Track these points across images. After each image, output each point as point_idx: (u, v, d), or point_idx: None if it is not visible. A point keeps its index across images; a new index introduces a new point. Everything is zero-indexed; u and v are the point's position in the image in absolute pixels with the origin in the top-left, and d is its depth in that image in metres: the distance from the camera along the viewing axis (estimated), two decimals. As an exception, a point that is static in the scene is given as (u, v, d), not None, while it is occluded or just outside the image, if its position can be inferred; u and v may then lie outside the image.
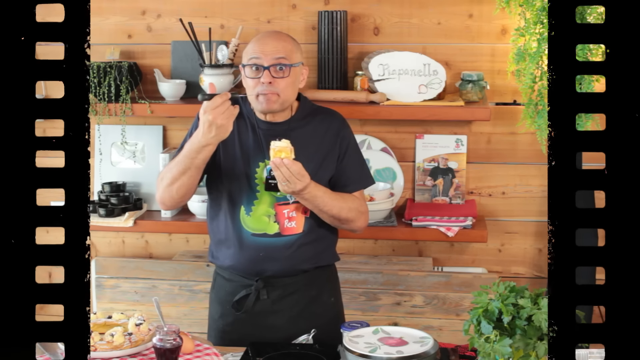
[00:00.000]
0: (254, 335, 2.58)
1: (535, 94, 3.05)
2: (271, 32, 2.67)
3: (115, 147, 3.67)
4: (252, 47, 2.58)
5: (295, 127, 2.63)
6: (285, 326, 2.62)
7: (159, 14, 3.63)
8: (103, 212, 3.47)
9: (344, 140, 2.66)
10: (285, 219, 2.61)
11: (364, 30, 3.51)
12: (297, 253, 2.62)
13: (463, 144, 3.50)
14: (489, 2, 3.37)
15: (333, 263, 2.77)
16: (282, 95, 2.55)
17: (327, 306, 2.70)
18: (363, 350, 2.18)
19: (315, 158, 2.61)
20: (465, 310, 3.35)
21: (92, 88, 3.44)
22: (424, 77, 3.30)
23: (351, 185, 2.66)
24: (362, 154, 2.76)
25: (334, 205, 2.56)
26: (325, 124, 2.66)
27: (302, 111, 2.67)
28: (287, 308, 2.64)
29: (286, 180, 2.42)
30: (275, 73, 2.53)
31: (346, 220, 2.61)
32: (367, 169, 2.75)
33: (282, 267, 2.62)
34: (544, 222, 3.55)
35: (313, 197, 2.51)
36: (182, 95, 3.54)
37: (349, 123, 2.73)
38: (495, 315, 2.03)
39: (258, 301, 2.64)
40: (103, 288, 3.61)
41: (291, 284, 2.65)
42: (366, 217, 2.68)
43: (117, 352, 2.31)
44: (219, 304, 2.71)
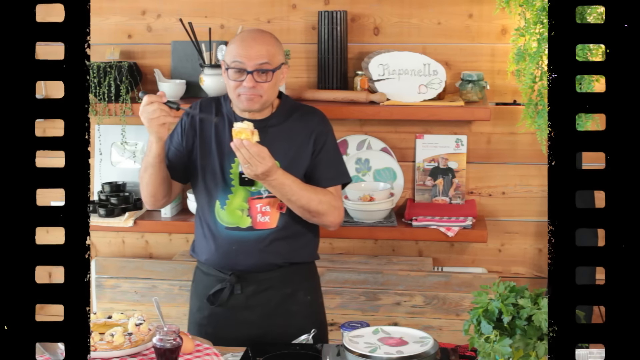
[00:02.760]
0: (228, 330, 2.64)
1: (535, 94, 3.05)
2: (255, 34, 2.68)
3: (115, 147, 3.67)
4: (236, 49, 2.60)
5: (274, 124, 2.68)
6: (259, 322, 2.66)
7: (159, 14, 3.62)
8: (103, 212, 3.47)
9: (320, 136, 2.69)
10: (258, 213, 2.66)
11: (364, 30, 3.51)
12: (270, 248, 2.66)
13: (463, 144, 3.50)
14: (489, 2, 3.37)
15: (310, 261, 2.79)
16: (264, 96, 2.60)
17: (303, 305, 2.72)
18: (363, 350, 2.18)
19: (290, 153, 2.65)
20: (465, 310, 3.35)
21: (92, 88, 3.44)
22: (424, 77, 3.30)
23: (325, 181, 2.68)
24: (339, 152, 2.80)
25: (303, 195, 2.58)
26: (303, 121, 2.71)
27: (282, 109, 2.71)
28: (261, 304, 2.67)
29: (247, 162, 2.46)
30: (258, 77, 2.58)
31: (317, 212, 2.62)
32: (343, 166, 2.77)
33: (254, 261, 2.66)
34: (544, 222, 3.55)
35: (280, 184, 2.54)
36: (182, 95, 3.54)
37: (329, 121, 2.76)
38: (495, 315, 2.03)
39: (232, 296, 2.67)
40: (103, 288, 3.61)
41: (265, 280, 2.68)
42: (340, 213, 2.69)
43: (117, 352, 2.31)
44: (197, 298, 2.77)
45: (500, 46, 3.44)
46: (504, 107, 3.49)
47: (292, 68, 3.46)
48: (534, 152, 3.47)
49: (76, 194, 0.98)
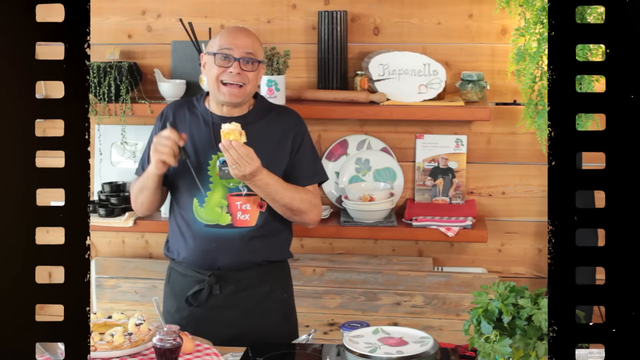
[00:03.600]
0: (208, 330, 2.64)
1: (535, 94, 3.04)
2: (241, 28, 2.82)
3: (115, 147, 3.67)
4: (223, 38, 2.67)
5: (251, 122, 2.70)
6: (240, 321, 2.67)
7: (159, 14, 3.63)
8: (103, 212, 3.47)
9: (297, 136, 2.74)
10: (238, 210, 2.68)
11: (364, 30, 3.51)
12: (249, 246, 2.68)
13: (463, 144, 3.50)
14: (489, 2, 3.37)
15: (285, 259, 2.82)
16: (247, 86, 2.65)
17: (280, 303, 2.76)
18: (363, 350, 2.18)
19: (267, 152, 2.67)
20: (465, 310, 3.35)
21: (92, 88, 3.44)
22: (424, 77, 3.30)
23: (304, 179, 2.73)
24: (316, 151, 2.86)
25: (286, 195, 2.62)
26: (280, 120, 2.75)
27: (258, 107, 2.75)
28: (241, 303, 2.69)
29: (236, 162, 2.49)
30: (244, 65, 2.64)
31: (298, 211, 2.66)
32: (321, 165, 2.83)
33: (233, 259, 2.67)
34: (544, 222, 3.55)
35: (265, 184, 2.58)
36: (182, 95, 3.54)
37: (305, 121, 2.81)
38: (495, 315, 2.03)
39: (211, 296, 2.69)
40: (103, 288, 3.61)
41: (244, 279, 2.69)
42: (319, 211, 2.75)
43: (117, 352, 2.31)
44: (174, 299, 2.77)
45: (500, 46, 3.44)
46: (504, 107, 3.49)
47: (292, 68, 3.46)
48: (534, 152, 3.47)
49: (76, 194, 0.98)
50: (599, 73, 0.99)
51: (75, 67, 0.97)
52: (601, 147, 0.99)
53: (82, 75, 0.97)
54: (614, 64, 0.97)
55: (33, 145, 0.98)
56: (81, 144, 0.97)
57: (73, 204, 0.98)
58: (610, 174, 0.98)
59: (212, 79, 2.66)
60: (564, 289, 0.98)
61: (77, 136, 0.97)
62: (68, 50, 0.97)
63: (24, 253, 0.99)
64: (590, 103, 0.99)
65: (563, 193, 0.98)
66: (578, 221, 0.98)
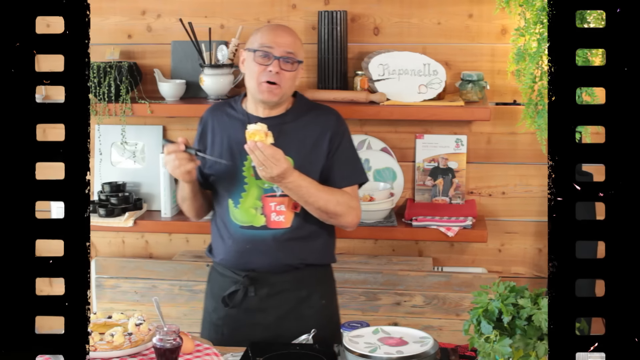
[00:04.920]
0: (243, 331, 2.63)
1: (535, 94, 3.04)
2: (283, 26, 2.75)
3: (115, 147, 3.67)
4: (265, 35, 2.63)
5: (288, 122, 2.67)
6: (273, 325, 2.64)
7: (159, 14, 3.63)
8: (103, 212, 3.47)
9: (336, 136, 2.68)
10: (272, 211, 2.64)
11: (364, 30, 3.51)
12: (284, 247, 2.64)
13: (463, 144, 3.50)
14: (489, 2, 3.37)
15: (326, 264, 2.77)
16: (283, 87, 2.61)
17: (318, 308, 2.70)
18: (363, 350, 2.18)
19: (303, 152, 2.64)
20: (465, 310, 3.35)
21: (92, 88, 3.44)
22: (424, 77, 3.30)
23: (342, 181, 2.66)
24: (356, 151, 2.78)
25: (320, 197, 2.57)
26: (319, 120, 2.70)
27: (297, 107, 2.71)
28: (275, 307, 2.66)
29: (262, 164, 2.45)
30: (283, 65, 2.60)
31: (334, 214, 2.61)
32: (360, 166, 2.75)
33: (267, 261, 2.65)
34: (544, 222, 3.55)
35: (297, 186, 2.53)
36: (182, 95, 3.54)
37: (346, 121, 2.75)
38: (495, 315, 2.03)
39: (246, 298, 2.66)
40: (103, 288, 3.61)
41: (278, 282, 2.66)
42: (357, 214, 2.67)
43: (117, 352, 2.31)
44: (213, 298, 2.76)
45: (500, 46, 3.44)
46: (504, 107, 3.49)
47: (292, 68, 3.46)
48: (534, 152, 3.47)
49: (76, 204, 0.98)
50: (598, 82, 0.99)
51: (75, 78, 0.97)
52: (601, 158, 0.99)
53: (82, 85, 0.97)
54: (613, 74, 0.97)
55: (33, 157, 0.98)
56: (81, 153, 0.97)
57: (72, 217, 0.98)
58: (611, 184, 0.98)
59: (250, 76, 2.62)
60: (564, 290, 0.98)
61: (77, 144, 0.97)
62: (68, 61, 0.96)
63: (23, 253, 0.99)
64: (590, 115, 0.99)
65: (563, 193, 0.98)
66: (578, 231, 0.98)
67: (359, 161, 2.75)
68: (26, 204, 0.98)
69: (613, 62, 0.97)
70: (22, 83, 0.97)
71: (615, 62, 0.97)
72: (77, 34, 0.96)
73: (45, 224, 0.99)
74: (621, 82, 0.97)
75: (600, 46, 0.97)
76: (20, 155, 0.97)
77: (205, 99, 3.50)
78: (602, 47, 0.96)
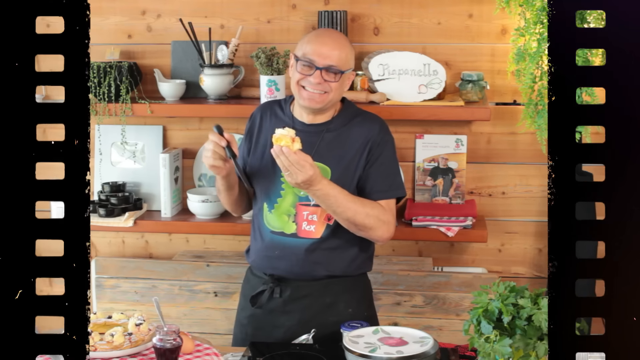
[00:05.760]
0: (266, 332, 2.63)
1: (535, 94, 3.04)
2: (329, 34, 2.70)
3: (115, 147, 3.67)
4: (310, 45, 2.59)
5: (332, 130, 2.64)
6: (296, 329, 2.60)
7: (159, 14, 3.63)
8: (103, 212, 3.47)
9: (377, 147, 2.63)
10: (304, 220, 2.62)
11: (364, 30, 3.51)
12: (311, 258, 2.62)
13: (463, 144, 3.50)
14: (489, 2, 3.37)
15: (355, 274, 2.71)
16: (329, 95, 2.58)
17: (344, 316, 2.61)
18: (363, 350, 2.18)
19: (343, 161, 2.61)
20: (465, 310, 3.35)
21: (92, 88, 3.44)
22: (424, 77, 3.30)
23: (377, 193, 2.62)
24: (397, 163, 2.72)
25: (349, 208, 2.52)
26: (362, 129, 2.65)
27: (342, 115, 2.68)
28: (299, 310, 2.64)
29: (287, 169, 2.43)
30: (326, 75, 2.56)
31: (363, 226, 2.56)
32: (399, 179, 2.69)
33: (293, 269, 2.63)
34: (544, 222, 3.55)
35: (324, 195, 2.50)
36: (182, 95, 3.54)
37: (390, 130, 2.71)
38: (495, 315, 2.03)
39: (272, 299, 2.65)
40: (103, 288, 3.61)
41: (303, 286, 2.65)
42: (388, 228, 2.60)
43: (117, 352, 2.31)
44: (243, 297, 2.78)
45: (500, 46, 3.44)
46: (504, 107, 3.49)
47: (292, 68, 3.46)
48: (534, 152, 3.47)
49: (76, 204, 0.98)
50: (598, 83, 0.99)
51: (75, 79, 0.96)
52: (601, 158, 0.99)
53: (82, 85, 0.97)
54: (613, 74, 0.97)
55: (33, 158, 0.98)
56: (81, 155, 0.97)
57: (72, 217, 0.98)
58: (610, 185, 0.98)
59: (294, 82, 2.60)
60: (564, 290, 0.98)
61: (77, 147, 0.97)
62: (68, 62, 0.96)
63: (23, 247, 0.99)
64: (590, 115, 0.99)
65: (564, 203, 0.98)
66: (578, 231, 0.98)
67: (397, 174, 2.70)
68: (26, 204, 0.98)
69: (613, 62, 0.97)
70: (22, 83, 0.97)
71: (615, 62, 0.97)
72: (77, 34, 0.96)
73: (45, 224, 0.99)
74: (621, 82, 0.97)
75: (600, 46, 0.97)
76: (20, 155, 0.97)
77: (205, 99, 3.50)
78: (602, 47, 0.96)
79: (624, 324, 0.97)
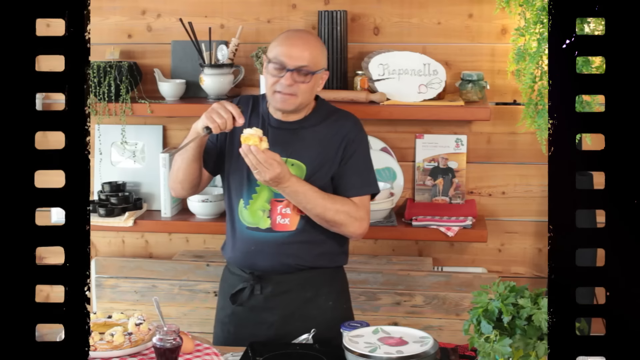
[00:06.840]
0: (248, 330, 2.64)
1: (535, 94, 3.05)
2: (300, 35, 2.69)
3: (115, 147, 3.67)
4: (280, 47, 2.60)
5: (306, 127, 2.67)
6: (279, 324, 2.64)
7: (159, 14, 3.63)
8: (103, 211, 3.47)
9: (351, 143, 2.66)
10: (277, 214, 2.65)
11: (364, 30, 3.51)
12: (288, 250, 2.64)
13: (463, 143, 3.50)
14: (489, 2, 3.37)
15: (332, 267, 2.75)
16: (299, 97, 2.60)
17: (324, 309, 2.68)
18: (363, 350, 2.18)
19: (318, 158, 2.64)
20: (465, 310, 3.35)
21: (92, 88, 3.44)
22: (424, 77, 3.30)
23: (351, 190, 2.65)
24: (370, 160, 2.74)
25: (318, 204, 2.56)
26: (335, 126, 2.68)
27: (316, 113, 2.70)
28: (280, 306, 2.66)
29: (255, 168, 2.46)
30: (297, 77, 2.57)
31: (334, 222, 2.60)
32: (372, 176, 2.72)
33: (271, 263, 2.65)
34: (544, 222, 3.55)
35: (294, 192, 2.54)
36: (182, 95, 3.54)
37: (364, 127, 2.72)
38: (495, 315, 2.03)
39: (253, 296, 2.67)
40: (103, 288, 3.61)
41: (283, 282, 2.67)
42: (361, 225, 2.64)
43: (117, 352, 2.31)
44: (222, 296, 2.78)
45: (500, 46, 3.44)
46: (504, 107, 3.49)
47: (292, 68, 3.46)
48: (534, 152, 3.47)
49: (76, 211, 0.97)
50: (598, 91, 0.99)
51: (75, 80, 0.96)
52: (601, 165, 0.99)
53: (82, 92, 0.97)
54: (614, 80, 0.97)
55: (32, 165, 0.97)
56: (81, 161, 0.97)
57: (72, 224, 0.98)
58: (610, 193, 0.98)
59: (267, 85, 2.63)
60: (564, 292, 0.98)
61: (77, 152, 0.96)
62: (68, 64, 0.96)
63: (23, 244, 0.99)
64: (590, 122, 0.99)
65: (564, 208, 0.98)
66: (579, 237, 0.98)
67: (371, 171, 2.72)
68: (26, 211, 0.98)
69: (613, 69, 0.97)
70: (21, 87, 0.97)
71: (615, 68, 0.96)
72: (77, 34, 0.96)
73: (46, 231, 0.99)
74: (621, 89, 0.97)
75: (599, 54, 0.97)
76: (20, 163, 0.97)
77: (205, 99, 3.50)
78: (601, 55, 0.96)
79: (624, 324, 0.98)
